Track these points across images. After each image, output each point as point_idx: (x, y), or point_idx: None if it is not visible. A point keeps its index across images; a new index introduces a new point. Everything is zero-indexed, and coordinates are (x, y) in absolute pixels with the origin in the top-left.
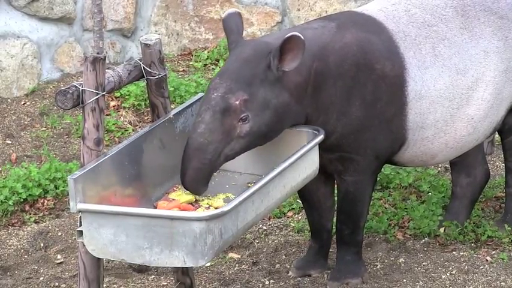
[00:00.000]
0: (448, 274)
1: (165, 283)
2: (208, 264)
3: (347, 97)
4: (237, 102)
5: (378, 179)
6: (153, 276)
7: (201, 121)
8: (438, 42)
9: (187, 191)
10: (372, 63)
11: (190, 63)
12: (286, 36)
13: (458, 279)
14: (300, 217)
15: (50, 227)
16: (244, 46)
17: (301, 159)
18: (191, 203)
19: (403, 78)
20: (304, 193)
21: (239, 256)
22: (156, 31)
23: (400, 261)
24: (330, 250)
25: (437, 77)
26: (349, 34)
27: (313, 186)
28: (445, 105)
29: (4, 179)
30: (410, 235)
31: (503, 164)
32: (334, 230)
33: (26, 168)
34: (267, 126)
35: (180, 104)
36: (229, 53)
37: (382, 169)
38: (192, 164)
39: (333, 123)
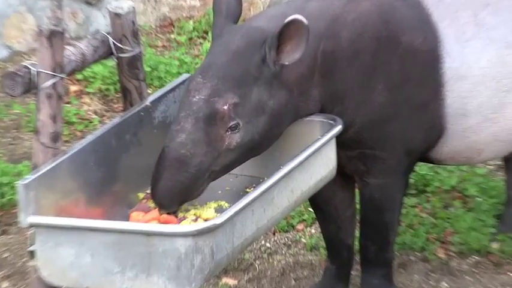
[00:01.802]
0: None
1: None
2: None
3: (367, 80)
4: (225, 107)
5: (411, 181)
6: None
7: (180, 130)
8: (480, 9)
9: (155, 205)
10: (397, 35)
11: (172, 36)
12: (286, 21)
13: None
14: (313, 231)
15: None
16: (232, 34)
17: (314, 157)
18: (174, 214)
19: (438, 54)
20: (318, 200)
21: (236, 282)
22: None
23: (443, 285)
24: (352, 272)
25: (481, 52)
26: (366, 0)
27: (329, 192)
28: (491, 87)
29: None
30: (454, 253)
31: None
32: (356, 247)
33: None
34: (262, 135)
35: (159, 88)
36: (212, 41)
37: (417, 169)
38: (169, 173)
39: (351, 113)
